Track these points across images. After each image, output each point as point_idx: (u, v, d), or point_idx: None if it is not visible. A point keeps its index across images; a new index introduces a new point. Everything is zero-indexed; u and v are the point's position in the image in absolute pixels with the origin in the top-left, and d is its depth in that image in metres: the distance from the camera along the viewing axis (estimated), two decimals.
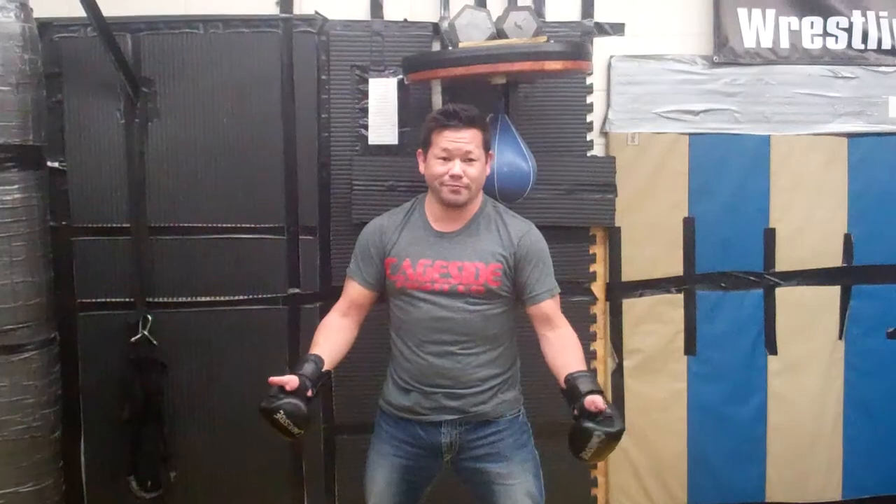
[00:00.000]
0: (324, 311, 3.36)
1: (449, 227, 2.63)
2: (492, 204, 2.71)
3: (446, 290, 2.58)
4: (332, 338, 2.64)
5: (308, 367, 2.47)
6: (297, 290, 3.42)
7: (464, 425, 2.62)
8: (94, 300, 3.34)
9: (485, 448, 2.63)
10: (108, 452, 3.38)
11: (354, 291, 2.73)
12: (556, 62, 2.90)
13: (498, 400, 2.63)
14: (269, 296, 3.41)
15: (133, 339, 3.31)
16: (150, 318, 3.32)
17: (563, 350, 2.56)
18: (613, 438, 2.34)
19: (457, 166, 2.53)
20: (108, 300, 3.34)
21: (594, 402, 2.32)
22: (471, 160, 2.54)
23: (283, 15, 3.33)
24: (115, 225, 3.32)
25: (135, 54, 3.27)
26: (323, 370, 2.50)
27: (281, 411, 2.36)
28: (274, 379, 2.39)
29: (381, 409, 2.74)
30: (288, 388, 2.37)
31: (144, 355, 3.33)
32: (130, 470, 3.36)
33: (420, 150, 2.65)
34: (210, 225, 3.36)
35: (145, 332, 3.32)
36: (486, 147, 2.62)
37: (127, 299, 3.34)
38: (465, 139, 2.54)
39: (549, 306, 2.61)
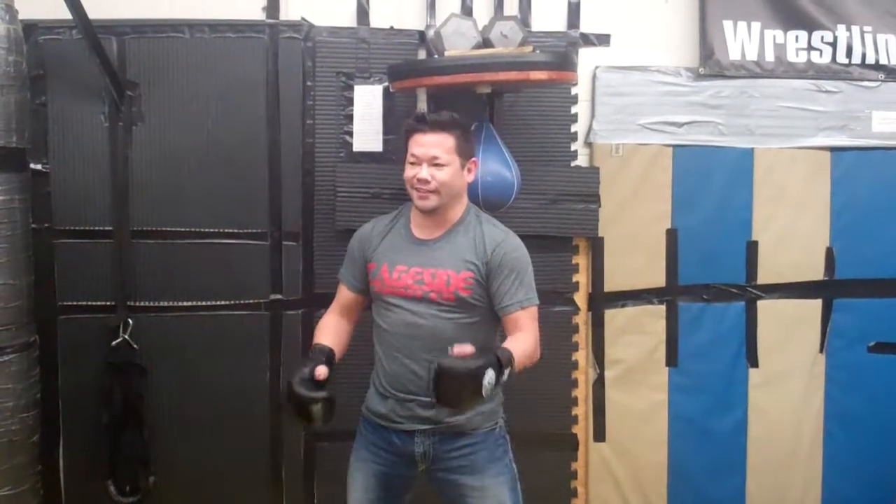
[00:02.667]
0: (306, 318, 3.41)
1: (429, 234, 2.64)
2: (475, 212, 2.70)
3: (419, 297, 2.58)
4: (334, 335, 2.70)
5: (323, 358, 2.54)
6: (279, 297, 3.40)
7: (437, 435, 2.61)
8: (74, 303, 3.32)
9: (458, 460, 2.62)
10: (87, 456, 3.35)
11: (343, 295, 2.79)
12: (541, 72, 2.91)
13: (473, 412, 2.58)
14: (251, 301, 3.39)
15: (113, 343, 3.29)
16: (130, 322, 3.31)
17: (510, 339, 2.54)
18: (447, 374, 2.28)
19: (423, 170, 2.54)
20: (88, 303, 3.32)
21: (457, 348, 2.32)
22: (438, 165, 2.54)
23: (270, 20, 3.33)
24: (97, 228, 3.31)
25: (120, 57, 3.25)
26: (331, 358, 2.59)
27: (320, 404, 2.41)
28: (319, 370, 2.46)
29: (363, 414, 2.75)
30: (321, 377, 2.45)
31: (125, 359, 3.31)
32: (109, 474, 3.33)
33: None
34: (193, 229, 3.35)
35: (126, 337, 3.30)
36: (463, 153, 2.60)
37: (108, 303, 3.32)
38: (432, 143, 2.54)
39: (519, 318, 2.57)
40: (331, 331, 2.72)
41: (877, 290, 3.68)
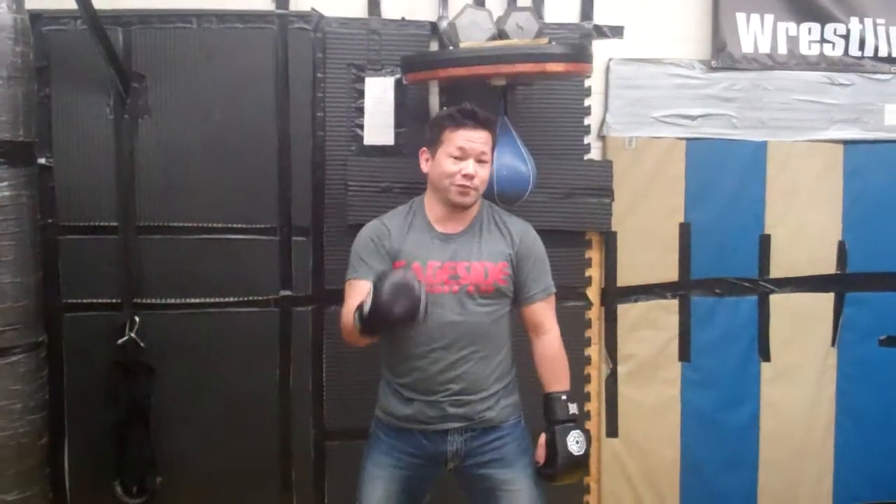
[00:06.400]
0: (316, 315, 3.37)
1: (453, 228, 2.60)
2: (488, 205, 2.70)
3: (456, 292, 2.54)
4: None
5: None
6: (289, 293, 3.34)
7: (469, 432, 2.57)
8: (80, 301, 3.25)
9: (490, 454, 2.59)
10: (93, 457, 3.29)
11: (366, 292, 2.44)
12: (558, 64, 2.86)
13: (502, 405, 2.60)
14: (260, 298, 3.33)
15: (120, 341, 3.23)
16: (137, 319, 3.24)
17: (545, 362, 2.65)
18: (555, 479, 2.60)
19: (470, 165, 2.52)
20: (94, 301, 3.26)
21: (538, 453, 2.61)
22: (483, 162, 2.54)
23: (279, 11, 3.26)
24: (102, 223, 3.24)
25: (125, 49, 3.18)
26: None
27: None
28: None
29: (379, 419, 2.67)
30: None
31: (131, 358, 3.25)
32: (116, 475, 3.27)
33: (424, 149, 2.61)
34: (200, 225, 3.28)
35: (132, 335, 3.23)
36: (493, 150, 2.63)
37: (114, 300, 3.26)
38: (481, 140, 2.53)
39: (542, 308, 2.65)
40: None
41: (888, 284, 3.66)
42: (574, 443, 2.56)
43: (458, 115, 2.54)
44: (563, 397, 2.60)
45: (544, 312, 2.65)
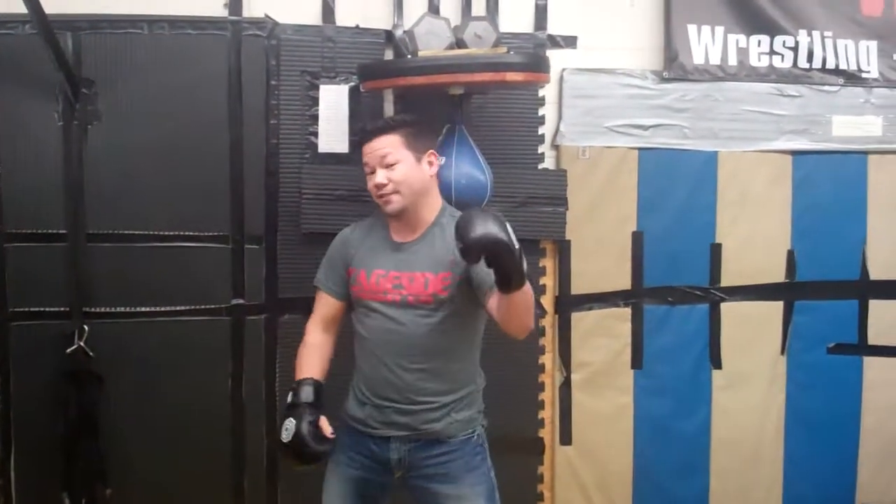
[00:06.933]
0: (269, 323, 3.34)
1: (406, 236, 2.59)
2: (450, 212, 2.64)
3: (398, 301, 2.53)
4: (320, 361, 2.67)
5: (314, 395, 2.56)
6: (241, 301, 3.31)
7: (413, 442, 2.56)
8: (26, 309, 3.18)
9: (434, 468, 2.57)
10: (41, 468, 3.21)
11: (325, 303, 2.71)
12: (518, 73, 2.87)
13: (450, 419, 2.57)
14: (212, 306, 3.29)
15: (68, 350, 3.16)
16: (86, 328, 3.18)
17: None
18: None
19: (378, 175, 2.53)
20: (42, 310, 3.19)
21: None
22: (389, 165, 2.52)
23: (232, 17, 3.22)
24: (50, 231, 3.17)
25: (75, 54, 3.12)
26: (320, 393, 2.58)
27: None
28: (325, 426, 2.49)
29: (341, 419, 2.67)
30: (327, 433, 2.50)
31: (80, 367, 3.18)
32: (64, 487, 3.20)
33: None
34: (151, 232, 3.23)
35: (81, 344, 3.16)
36: (415, 147, 2.55)
37: (62, 309, 3.19)
38: (378, 146, 2.54)
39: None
40: (317, 357, 2.65)
41: (837, 293, 3.72)
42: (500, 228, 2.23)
43: (357, 136, 2.66)
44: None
45: None
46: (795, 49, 3.63)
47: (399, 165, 2.52)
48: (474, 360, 2.66)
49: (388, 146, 2.53)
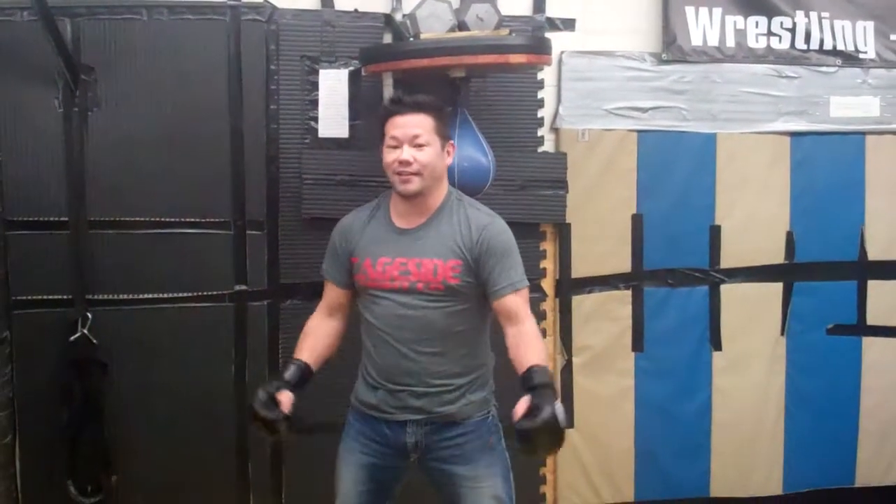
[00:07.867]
0: (272, 309, 3.34)
1: (411, 222, 2.57)
2: (457, 196, 2.63)
3: (406, 288, 2.51)
4: (315, 343, 2.65)
5: (294, 380, 2.55)
6: (244, 287, 3.31)
7: (429, 425, 2.56)
8: (29, 297, 3.18)
9: (450, 450, 2.57)
10: (46, 456, 3.22)
11: (331, 292, 2.70)
12: (520, 56, 2.88)
13: (465, 401, 2.56)
14: (214, 293, 3.30)
15: (72, 338, 3.17)
16: (89, 316, 3.18)
17: (521, 346, 2.46)
18: (532, 437, 2.23)
19: (405, 151, 2.47)
20: (45, 297, 3.19)
21: (517, 408, 2.26)
22: (419, 145, 2.48)
23: (231, 2, 3.22)
24: (52, 219, 3.17)
25: (74, 40, 3.12)
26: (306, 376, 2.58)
27: (283, 423, 2.46)
28: (284, 399, 2.48)
29: (352, 405, 2.68)
30: (285, 407, 2.47)
31: (84, 355, 3.18)
32: (69, 474, 3.21)
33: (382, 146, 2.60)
34: (153, 219, 3.24)
35: (85, 331, 3.17)
36: (442, 134, 2.55)
37: (65, 296, 3.19)
38: (412, 123, 2.48)
39: (513, 301, 2.51)
40: (311, 339, 2.65)
41: (835, 274, 3.75)
42: (559, 408, 2.27)
43: (389, 105, 2.57)
44: (544, 368, 2.40)
45: (516, 304, 2.51)
46: (793, 30, 3.64)
47: (428, 148, 2.49)
48: (486, 340, 2.66)
49: (421, 126, 2.49)
